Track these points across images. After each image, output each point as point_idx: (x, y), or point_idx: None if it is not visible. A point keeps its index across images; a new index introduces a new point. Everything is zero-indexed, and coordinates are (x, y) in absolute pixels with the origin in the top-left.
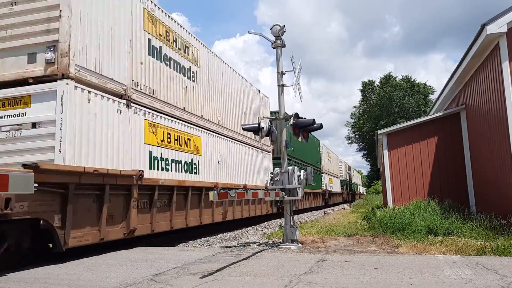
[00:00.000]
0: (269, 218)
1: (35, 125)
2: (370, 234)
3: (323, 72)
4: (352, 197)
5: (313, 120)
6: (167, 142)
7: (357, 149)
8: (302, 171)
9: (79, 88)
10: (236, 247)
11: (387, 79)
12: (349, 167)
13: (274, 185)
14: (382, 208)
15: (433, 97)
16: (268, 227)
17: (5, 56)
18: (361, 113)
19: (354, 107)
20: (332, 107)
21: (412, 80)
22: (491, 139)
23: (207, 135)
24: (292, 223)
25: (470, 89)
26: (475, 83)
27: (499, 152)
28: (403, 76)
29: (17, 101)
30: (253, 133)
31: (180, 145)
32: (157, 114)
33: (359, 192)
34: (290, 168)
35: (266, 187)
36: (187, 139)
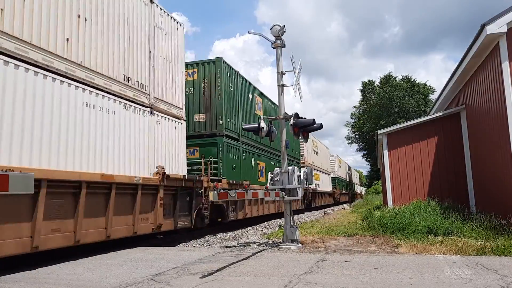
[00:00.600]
0: (270, 218)
1: None
2: (370, 234)
3: (323, 72)
4: (352, 198)
5: (313, 120)
6: None
7: (357, 149)
8: (302, 171)
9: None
10: (236, 247)
11: (387, 79)
12: (349, 167)
13: (274, 185)
14: (382, 208)
15: (433, 97)
16: (268, 227)
17: None
18: (361, 113)
19: (354, 107)
20: (332, 107)
21: (412, 80)
22: (491, 139)
23: None
24: (292, 223)
25: (470, 89)
26: (475, 83)
27: (499, 152)
28: (403, 76)
29: None
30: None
31: None
32: None
33: (355, 191)
34: (290, 168)
35: (266, 187)
36: None
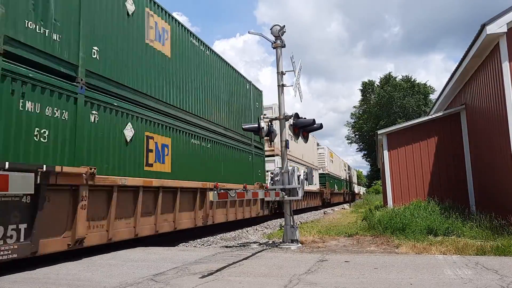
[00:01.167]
0: (269, 218)
1: None
2: (370, 234)
3: (323, 72)
4: (351, 197)
5: (313, 120)
6: None
7: (357, 149)
8: (302, 171)
9: None
10: (236, 247)
11: (387, 79)
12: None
13: (274, 185)
14: (382, 208)
15: (433, 97)
16: (268, 227)
17: None
18: (361, 113)
19: (354, 107)
20: (332, 107)
21: (412, 80)
22: (491, 139)
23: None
24: (292, 223)
25: (470, 89)
26: (475, 83)
27: (499, 152)
28: (403, 76)
29: None
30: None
31: None
32: None
33: (353, 190)
34: (290, 168)
35: (266, 187)
36: None
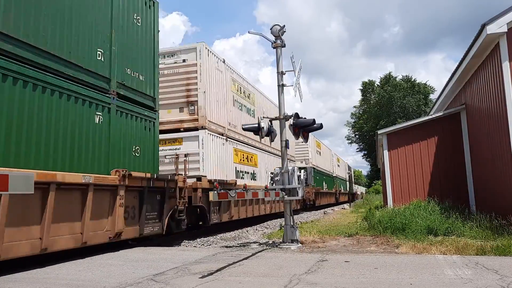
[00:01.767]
0: (269, 218)
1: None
2: (370, 234)
3: (323, 72)
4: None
5: (313, 120)
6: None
7: (357, 149)
8: (302, 171)
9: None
10: (236, 247)
11: (387, 79)
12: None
13: (274, 185)
14: (382, 208)
15: (433, 96)
16: (268, 227)
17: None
18: (361, 113)
19: (354, 107)
20: (332, 107)
21: (412, 80)
22: (491, 139)
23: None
24: (292, 223)
25: (470, 89)
26: (475, 83)
27: (499, 152)
28: (403, 76)
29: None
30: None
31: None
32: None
33: (340, 189)
34: (290, 168)
35: (266, 187)
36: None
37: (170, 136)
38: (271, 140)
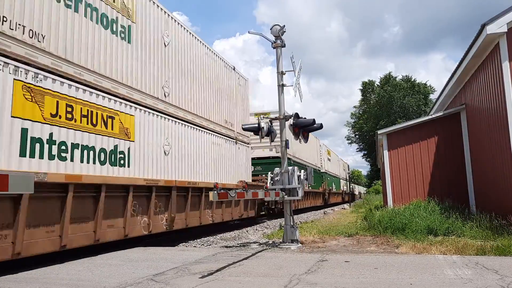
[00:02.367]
0: (269, 218)
1: None
2: (370, 234)
3: (323, 72)
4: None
5: (313, 120)
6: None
7: (357, 149)
8: (302, 171)
9: None
10: (236, 247)
11: (387, 79)
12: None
13: (274, 185)
14: (382, 208)
15: (433, 97)
16: (268, 227)
17: None
18: (361, 113)
19: (354, 107)
20: (332, 107)
21: (412, 80)
22: (491, 139)
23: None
24: (292, 223)
25: (470, 89)
26: (475, 83)
27: (499, 152)
28: (403, 76)
29: None
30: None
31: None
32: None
33: (333, 189)
34: (290, 168)
35: (266, 187)
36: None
37: None
38: (271, 140)
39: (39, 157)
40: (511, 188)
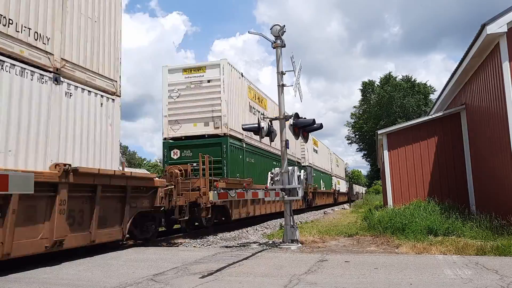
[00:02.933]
0: (269, 218)
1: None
2: (370, 234)
3: (323, 72)
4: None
5: (313, 120)
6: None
7: (357, 149)
8: (302, 171)
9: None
10: (236, 247)
11: (387, 79)
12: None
13: (274, 185)
14: (382, 208)
15: (433, 97)
16: (268, 227)
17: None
18: (361, 113)
19: (354, 107)
20: (332, 107)
21: (412, 80)
22: (491, 139)
23: None
24: (292, 223)
25: (470, 89)
26: (475, 83)
27: (499, 151)
28: (403, 76)
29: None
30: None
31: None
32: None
33: (322, 188)
34: (290, 168)
35: (266, 187)
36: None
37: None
38: (271, 140)
39: None
40: (511, 188)
